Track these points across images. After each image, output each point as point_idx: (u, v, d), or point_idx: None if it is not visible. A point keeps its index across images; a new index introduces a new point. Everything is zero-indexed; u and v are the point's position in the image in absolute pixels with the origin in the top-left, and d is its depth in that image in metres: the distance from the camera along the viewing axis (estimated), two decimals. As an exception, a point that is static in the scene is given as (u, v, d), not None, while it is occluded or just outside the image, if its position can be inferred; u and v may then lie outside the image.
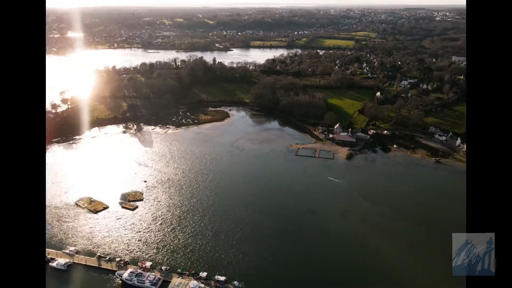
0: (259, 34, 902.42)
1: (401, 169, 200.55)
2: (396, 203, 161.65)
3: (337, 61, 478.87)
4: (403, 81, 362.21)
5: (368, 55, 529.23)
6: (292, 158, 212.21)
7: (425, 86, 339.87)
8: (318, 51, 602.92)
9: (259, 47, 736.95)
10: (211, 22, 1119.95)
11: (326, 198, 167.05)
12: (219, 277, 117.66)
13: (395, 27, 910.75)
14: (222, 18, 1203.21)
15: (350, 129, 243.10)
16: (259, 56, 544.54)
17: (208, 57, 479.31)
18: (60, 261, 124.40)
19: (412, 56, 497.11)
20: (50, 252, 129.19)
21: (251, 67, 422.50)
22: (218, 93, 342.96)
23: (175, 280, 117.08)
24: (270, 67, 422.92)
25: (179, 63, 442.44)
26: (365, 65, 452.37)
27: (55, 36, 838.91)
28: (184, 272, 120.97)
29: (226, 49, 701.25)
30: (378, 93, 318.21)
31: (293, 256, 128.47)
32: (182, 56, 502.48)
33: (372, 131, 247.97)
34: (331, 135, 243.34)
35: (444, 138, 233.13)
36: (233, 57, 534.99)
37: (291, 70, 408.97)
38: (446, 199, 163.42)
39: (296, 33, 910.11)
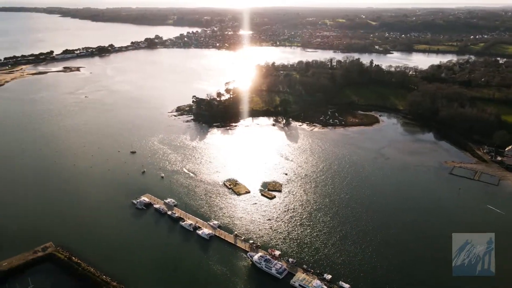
0: (426, 37, 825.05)
1: None
2: None
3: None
4: None
5: None
6: (445, 177, 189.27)
7: None
8: (498, 58, 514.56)
9: (423, 51, 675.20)
10: (373, 23, 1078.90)
11: (480, 229, 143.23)
12: (343, 283, 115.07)
13: None
14: (386, 19, 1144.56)
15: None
16: (422, 61, 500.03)
17: (365, 59, 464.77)
18: (205, 231, 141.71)
19: None
20: (198, 221, 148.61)
21: (410, 72, 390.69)
22: (371, 96, 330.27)
23: (300, 275, 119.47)
24: (433, 74, 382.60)
25: (335, 64, 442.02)
26: None
27: (229, 33, 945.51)
28: (309, 269, 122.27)
29: (386, 51, 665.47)
30: None
31: (424, 283, 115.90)
32: (339, 56, 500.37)
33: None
34: (499, 158, 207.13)
35: None
36: (392, 60, 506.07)
37: (458, 79, 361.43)
38: None
39: (472, 37, 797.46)
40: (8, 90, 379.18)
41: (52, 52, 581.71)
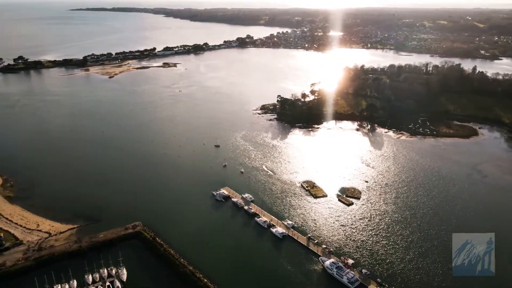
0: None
1: None
2: None
3: None
4: None
5: None
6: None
7: None
8: None
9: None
10: (481, 25, 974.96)
11: None
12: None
13: None
14: (497, 21, 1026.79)
15: None
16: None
17: (467, 64, 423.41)
18: (278, 229, 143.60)
19: None
20: (272, 219, 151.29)
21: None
22: (470, 106, 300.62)
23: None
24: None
25: (431, 69, 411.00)
26: None
27: (319, 34, 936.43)
28: (384, 283, 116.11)
29: (494, 57, 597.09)
30: None
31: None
32: (436, 61, 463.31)
33: None
34: None
35: None
36: (500, 67, 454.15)
37: None
38: None
39: None
40: (117, 82, 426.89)
41: (154, 49, 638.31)
